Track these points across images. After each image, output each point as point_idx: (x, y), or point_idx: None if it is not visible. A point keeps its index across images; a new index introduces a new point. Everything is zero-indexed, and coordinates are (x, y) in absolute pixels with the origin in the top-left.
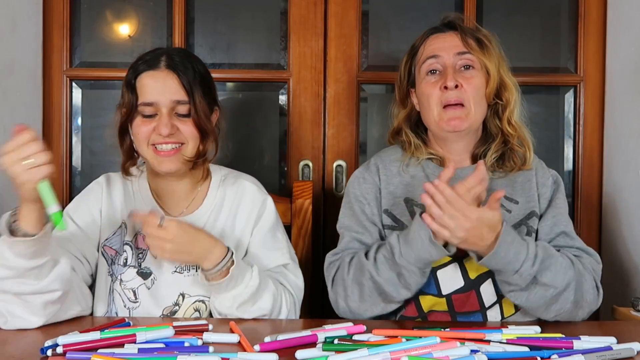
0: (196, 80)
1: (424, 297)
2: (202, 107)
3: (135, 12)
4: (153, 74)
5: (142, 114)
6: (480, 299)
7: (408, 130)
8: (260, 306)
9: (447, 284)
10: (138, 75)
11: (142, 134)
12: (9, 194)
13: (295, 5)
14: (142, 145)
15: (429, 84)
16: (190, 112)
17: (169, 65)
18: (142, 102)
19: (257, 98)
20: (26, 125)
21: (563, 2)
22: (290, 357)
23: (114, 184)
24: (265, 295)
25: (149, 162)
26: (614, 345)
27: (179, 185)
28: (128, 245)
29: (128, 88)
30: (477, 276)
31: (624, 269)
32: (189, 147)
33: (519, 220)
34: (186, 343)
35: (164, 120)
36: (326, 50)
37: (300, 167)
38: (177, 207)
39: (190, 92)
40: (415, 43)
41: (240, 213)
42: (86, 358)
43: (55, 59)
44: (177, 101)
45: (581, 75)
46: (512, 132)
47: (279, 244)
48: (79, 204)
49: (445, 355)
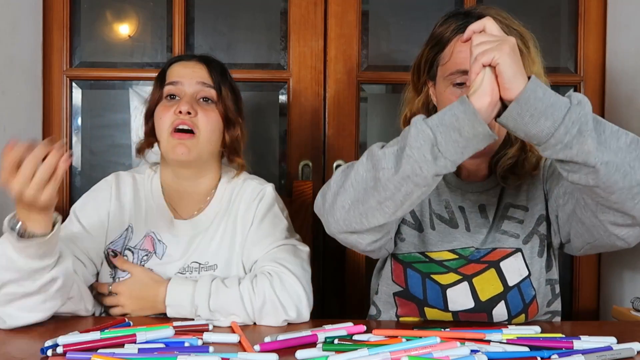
0: (225, 79)
1: (430, 309)
2: (229, 99)
3: (135, 12)
4: (184, 63)
5: (167, 97)
6: (490, 319)
7: None
8: (232, 316)
9: (455, 303)
10: (169, 66)
11: (164, 118)
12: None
13: (295, 5)
14: (162, 129)
15: (454, 97)
16: (215, 98)
17: (200, 58)
18: (168, 82)
19: (257, 98)
20: (15, 141)
21: (563, 2)
22: (290, 357)
23: (124, 184)
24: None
25: (166, 152)
26: (614, 345)
27: (193, 186)
28: (129, 250)
29: (157, 79)
30: (489, 299)
31: (623, 269)
32: (200, 138)
33: (532, 229)
34: (186, 343)
35: (185, 98)
36: (326, 50)
37: (300, 167)
38: (188, 210)
39: (217, 82)
40: (443, 35)
41: (241, 211)
42: (86, 358)
43: (55, 59)
44: (203, 82)
45: (581, 75)
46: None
47: (272, 229)
48: (86, 202)
49: (445, 355)
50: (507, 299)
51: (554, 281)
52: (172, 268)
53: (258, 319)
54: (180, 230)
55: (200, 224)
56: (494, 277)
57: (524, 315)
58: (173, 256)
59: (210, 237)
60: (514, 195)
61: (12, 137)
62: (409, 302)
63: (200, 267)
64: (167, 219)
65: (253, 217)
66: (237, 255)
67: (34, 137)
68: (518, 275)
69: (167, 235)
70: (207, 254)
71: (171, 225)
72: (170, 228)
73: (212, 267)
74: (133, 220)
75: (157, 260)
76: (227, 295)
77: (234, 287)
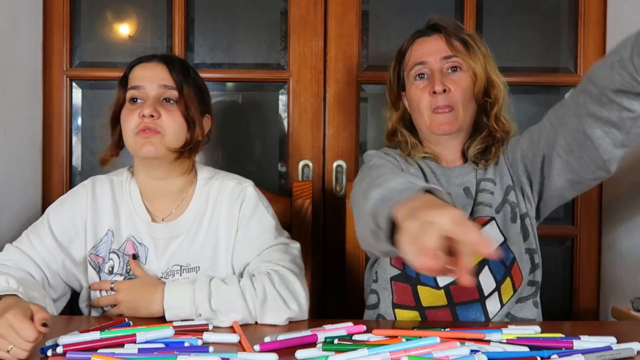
0: (187, 77)
1: (422, 287)
2: (191, 99)
3: (135, 12)
4: (145, 65)
5: (130, 100)
6: (479, 287)
7: (404, 130)
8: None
9: (444, 277)
10: (131, 69)
11: (129, 122)
12: (10, 193)
13: (295, 5)
14: (128, 133)
15: (418, 89)
16: (177, 99)
17: (160, 58)
18: (130, 86)
19: (257, 98)
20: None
21: (563, 2)
22: (290, 357)
23: (101, 189)
24: (234, 305)
25: (133, 152)
26: (614, 345)
27: (167, 185)
28: (115, 254)
29: (121, 84)
30: (473, 267)
31: (623, 269)
32: (166, 138)
33: (502, 199)
34: (186, 343)
35: (148, 102)
36: (326, 50)
37: (300, 167)
38: (165, 210)
39: (178, 82)
40: (402, 47)
41: (223, 213)
42: (86, 358)
43: (55, 59)
44: (165, 85)
45: (581, 75)
46: (498, 127)
47: (260, 231)
48: (61, 205)
49: (445, 355)
50: (490, 264)
51: (532, 250)
52: (154, 271)
53: (260, 317)
54: (159, 233)
55: (179, 226)
56: None
57: (510, 280)
58: (153, 259)
59: (191, 239)
60: (483, 171)
61: (12, 137)
62: (404, 285)
63: (182, 269)
64: (145, 222)
65: (238, 221)
66: (223, 257)
67: (34, 137)
68: (495, 241)
69: (147, 238)
70: (188, 256)
71: (149, 228)
72: (149, 231)
73: (194, 269)
74: (113, 225)
75: (141, 263)
76: (228, 293)
77: (235, 284)
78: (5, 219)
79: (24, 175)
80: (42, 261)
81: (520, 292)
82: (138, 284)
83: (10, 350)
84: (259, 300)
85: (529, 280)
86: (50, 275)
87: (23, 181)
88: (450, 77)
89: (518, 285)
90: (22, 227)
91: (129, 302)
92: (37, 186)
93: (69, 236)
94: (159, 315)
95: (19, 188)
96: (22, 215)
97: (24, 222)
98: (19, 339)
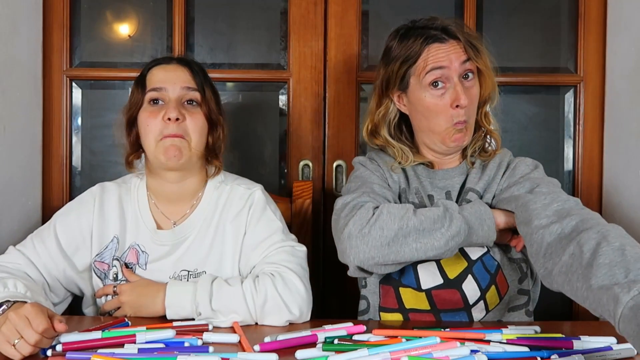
0: (207, 79)
1: (404, 289)
2: (212, 100)
3: (135, 12)
4: (164, 66)
5: (150, 102)
6: (464, 297)
7: (386, 134)
8: (234, 314)
9: (426, 280)
10: (149, 70)
11: (152, 126)
12: (9, 193)
13: (295, 5)
14: (149, 138)
15: (434, 98)
16: (200, 101)
17: (180, 61)
18: (150, 87)
19: (257, 98)
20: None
21: (563, 2)
22: (290, 357)
23: (108, 196)
24: (234, 306)
25: (155, 157)
26: (614, 345)
27: (180, 188)
28: (117, 261)
29: (137, 84)
30: (457, 276)
31: None
32: (192, 143)
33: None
34: (186, 343)
35: (172, 104)
36: (326, 50)
37: (300, 167)
38: (176, 213)
39: (200, 84)
40: (412, 50)
41: (230, 218)
42: (86, 358)
43: (55, 59)
44: (187, 87)
45: (581, 75)
46: (486, 122)
47: (267, 232)
48: (69, 213)
49: (445, 355)
50: (473, 271)
51: (519, 260)
52: (161, 277)
53: (260, 318)
54: (165, 239)
55: (184, 231)
56: (458, 255)
57: (495, 287)
58: (159, 265)
59: (198, 244)
60: (474, 182)
61: (12, 137)
62: (388, 288)
63: (189, 275)
64: (151, 229)
65: (246, 224)
66: (229, 262)
67: (33, 137)
68: (479, 250)
69: (151, 245)
70: (195, 261)
71: (155, 235)
72: (155, 237)
73: (200, 274)
74: (118, 231)
75: (141, 270)
76: (229, 293)
77: (237, 286)
78: (5, 219)
79: (23, 175)
80: (43, 267)
81: (509, 300)
82: (140, 284)
83: (16, 344)
84: (259, 302)
85: (519, 289)
86: (51, 280)
87: (23, 181)
88: (465, 85)
89: (504, 293)
90: (22, 227)
91: (132, 302)
92: (37, 186)
93: (75, 245)
94: (162, 314)
95: (18, 188)
96: (22, 215)
97: (23, 221)
98: (29, 329)
